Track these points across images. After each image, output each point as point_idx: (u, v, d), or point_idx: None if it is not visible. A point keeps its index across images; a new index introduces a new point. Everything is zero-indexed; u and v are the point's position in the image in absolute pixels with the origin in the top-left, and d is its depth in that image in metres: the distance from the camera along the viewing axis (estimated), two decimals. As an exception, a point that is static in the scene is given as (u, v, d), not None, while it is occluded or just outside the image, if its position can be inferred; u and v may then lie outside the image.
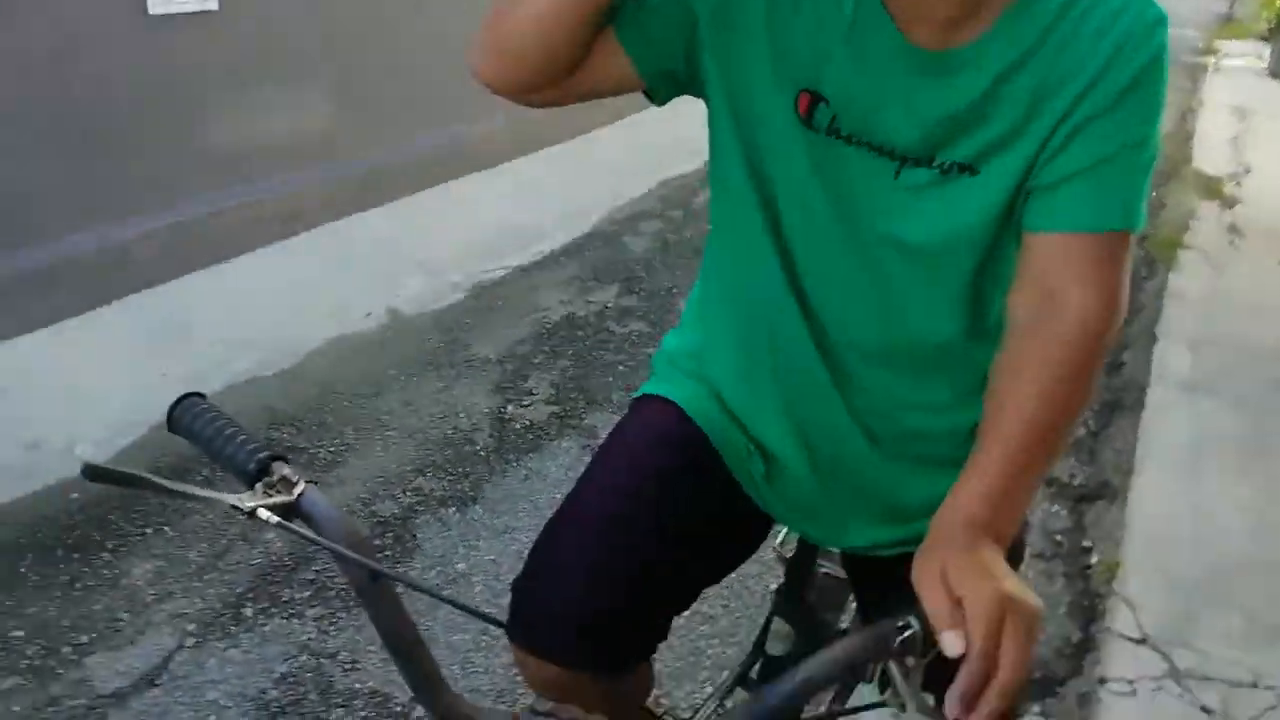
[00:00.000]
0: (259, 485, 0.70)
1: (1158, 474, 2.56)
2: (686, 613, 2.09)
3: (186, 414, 0.76)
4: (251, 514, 0.66)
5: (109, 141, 2.81)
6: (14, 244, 2.66)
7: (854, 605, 1.36)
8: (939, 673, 0.73)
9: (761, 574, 2.23)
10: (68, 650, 1.85)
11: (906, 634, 0.73)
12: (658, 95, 0.97)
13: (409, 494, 2.37)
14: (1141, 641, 2.06)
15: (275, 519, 0.67)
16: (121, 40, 2.75)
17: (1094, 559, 2.32)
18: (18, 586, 1.98)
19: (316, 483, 0.71)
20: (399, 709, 1.80)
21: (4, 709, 1.72)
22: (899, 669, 0.72)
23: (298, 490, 0.70)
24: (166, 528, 2.19)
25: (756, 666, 1.31)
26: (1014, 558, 1.12)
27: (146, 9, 2.78)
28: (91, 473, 0.66)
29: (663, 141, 4.68)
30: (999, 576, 0.76)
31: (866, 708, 0.73)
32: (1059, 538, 2.38)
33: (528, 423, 2.68)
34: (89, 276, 2.83)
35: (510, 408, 2.74)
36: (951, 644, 0.72)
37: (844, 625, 1.41)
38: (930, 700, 0.74)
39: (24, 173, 2.63)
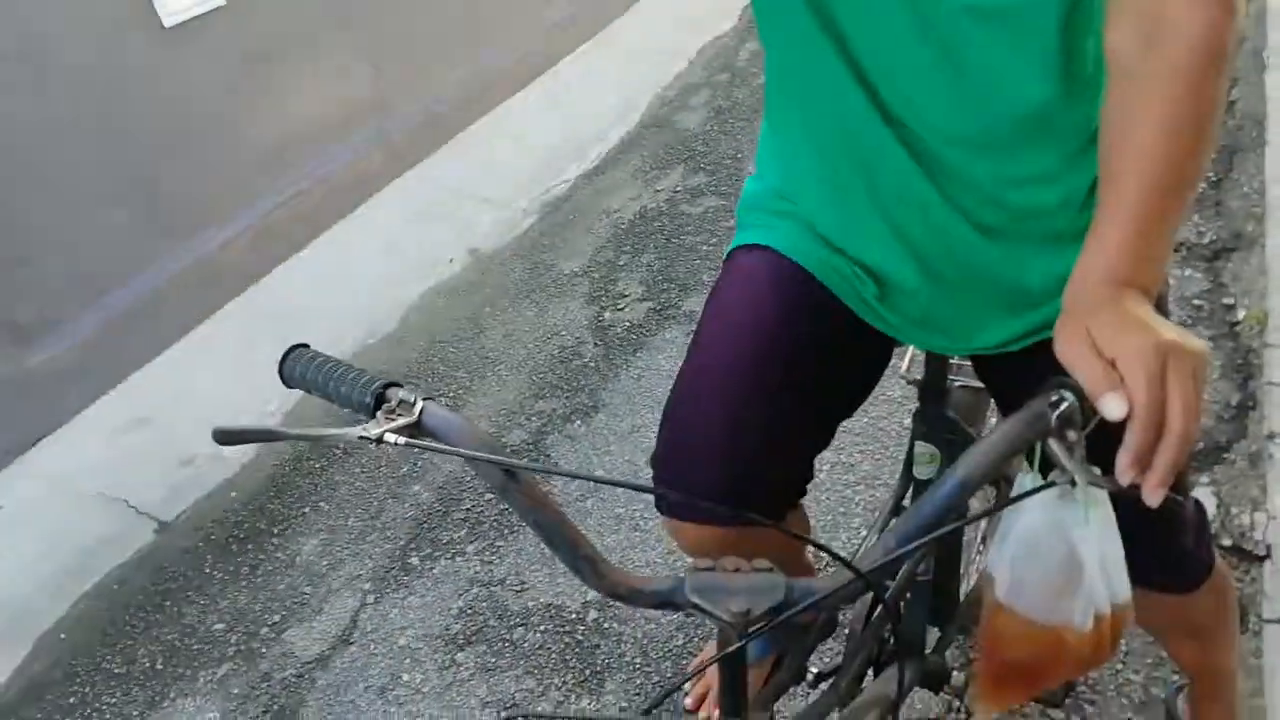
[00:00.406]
0: (380, 414, 0.71)
1: (1292, 210, 2.39)
2: (827, 464, 2.11)
3: (296, 365, 0.77)
4: (379, 440, 0.67)
5: (172, 159, 2.87)
6: (117, 282, 2.78)
7: (995, 414, 1.32)
8: (1104, 446, 0.70)
9: (892, 413, 2.20)
10: (265, 630, 1.98)
11: (1062, 407, 0.70)
12: None
13: (533, 419, 2.41)
14: (1308, 385, 1.96)
15: (403, 440, 0.67)
16: (144, 58, 2.78)
17: (1240, 314, 2.20)
18: (207, 585, 2.12)
19: (434, 398, 0.72)
20: (574, 615, 1.87)
21: (225, 693, 1.86)
22: (1060, 446, 0.69)
23: (418, 409, 0.70)
24: (322, 503, 2.29)
25: (908, 494, 1.29)
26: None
27: (162, 24, 2.80)
28: (222, 436, 0.68)
29: (690, 10, 4.51)
30: (1152, 326, 0.71)
31: (1034, 491, 0.70)
32: (1198, 301, 2.26)
33: (628, 324, 2.68)
34: (189, 294, 2.94)
35: (607, 314, 2.74)
36: (1113, 405, 0.68)
37: (989, 435, 1.38)
38: (1099, 471, 0.71)
39: (98, 215, 2.72)
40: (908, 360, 1.32)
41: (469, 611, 1.93)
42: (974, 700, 0.90)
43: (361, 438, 0.67)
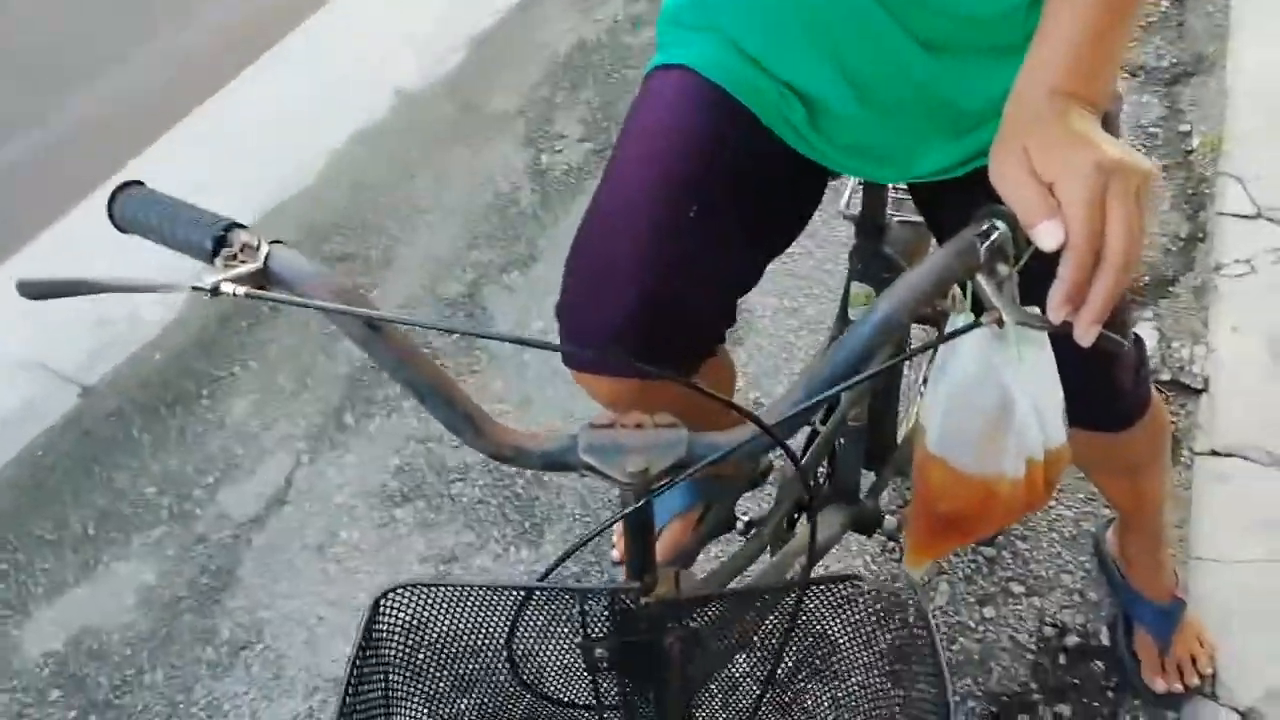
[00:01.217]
0: (219, 260, 0.62)
1: (1257, 30, 2.29)
2: (770, 309, 2.06)
3: (128, 205, 0.67)
4: (215, 291, 0.59)
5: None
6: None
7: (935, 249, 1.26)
8: (1044, 280, 0.63)
9: (837, 255, 2.14)
10: (199, 493, 1.93)
11: (992, 238, 0.63)
12: None
13: (468, 270, 2.32)
14: (1255, 216, 1.92)
15: (242, 290, 0.59)
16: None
17: (1195, 141, 2.13)
18: (138, 449, 2.05)
19: (282, 241, 0.63)
20: (512, 469, 1.84)
21: (160, 555, 1.83)
22: (989, 282, 0.63)
23: (263, 254, 0.62)
24: (251, 362, 2.21)
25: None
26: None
27: None
28: (27, 289, 0.59)
29: None
30: (1095, 142, 0.64)
31: (959, 332, 0.64)
32: (1154, 129, 2.19)
33: (566, 167, 2.55)
34: (96, 141, 2.74)
35: (544, 157, 2.60)
36: (1047, 234, 0.62)
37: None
38: (1035, 310, 0.65)
39: None
40: (847, 195, 1.24)
41: (406, 468, 1.89)
42: (907, 551, 0.87)
43: (195, 288, 0.59)
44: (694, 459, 0.62)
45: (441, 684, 0.69)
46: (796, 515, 1.30)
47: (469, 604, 0.67)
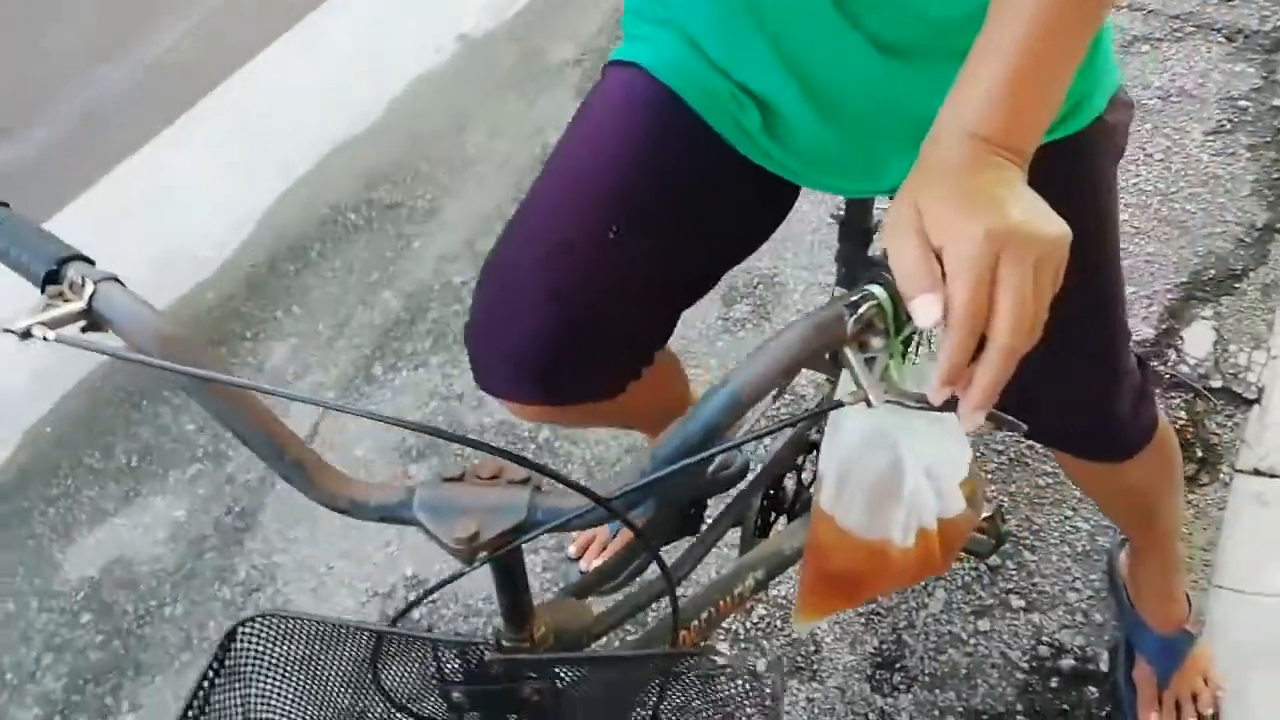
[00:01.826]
0: (45, 295, 0.60)
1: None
2: (801, 285, 1.98)
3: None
4: (25, 334, 0.56)
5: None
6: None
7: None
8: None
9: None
10: (232, 435, 2.00)
11: (863, 309, 0.58)
12: None
13: (508, 224, 2.30)
14: (1348, 207, 1.73)
15: (52, 335, 0.56)
16: None
17: (1291, 119, 1.93)
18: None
19: (117, 278, 0.62)
20: (525, 434, 1.85)
21: (192, 493, 1.91)
22: (857, 358, 0.58)
23: (88, 292, 0.60)
24: (295, 307, 2.26)
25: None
26: (1087, 176, 0.89)
27: None
28: None
29: None
30: (996, 205, 0.57)
31: (810, 415, 0.59)
32: (1244, 102, 1.99)
33: (616, 120, 2.49)
34: (157, 90, 2.81)
35: (597, 108, 2.54)
36: (922, 309, 0.56)
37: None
38: (910, 384, 0.59)
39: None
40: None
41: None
42: (797, 607, 0.83)
43: (4, 329, 0.56)
44: (532, 524, 0.60)
45: (310, 714, 0.70)
46: (772, 518, 1.26)
47: (331, 637, 0.67)
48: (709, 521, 1.22)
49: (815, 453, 1.24)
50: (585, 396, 0.92)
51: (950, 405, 0.58)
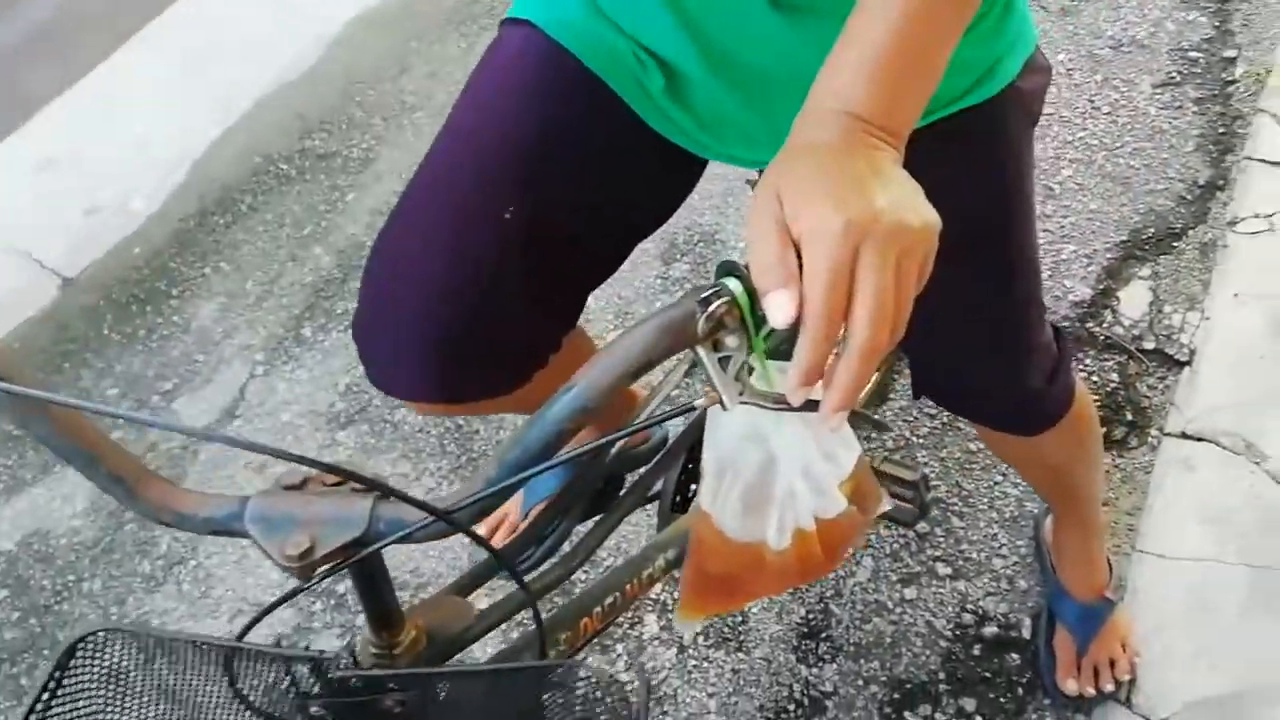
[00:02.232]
0: None
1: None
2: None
3: None
4: None
5: None
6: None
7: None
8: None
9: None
10: (156, 399, 1.94)
11: (713, 307, 0.54)
12: None
13: (444, 176, 2.23)
14: (1288, 164, 1.71)
15: None
16: None
17: (1238, 70, 1.89)
18: (105, 346, 2.07)
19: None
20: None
21: (115, 461, 1.86)
22: (710, 358, 0.54)
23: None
24: (223, 264, 2.19)
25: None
26: (997, 146, 0.85)
27: None
28: None
29: None
30: (861, 193, 0.53)
31: (664, 418, 0.55)
32: (1195, 53, 1.95)
33: (557, 67, 2.40)
34: (88, 25, 2.68)
35: (538, 54, 2.46)
36: (776, 306, 0.52)
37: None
38: (764, 385, 0.55)
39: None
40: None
41: (354, 389, 1.87)
42: (679, 605, 0.81)
43: None
44: (373, 537, 0.56)
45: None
46: (691, 491, 1.23)
47: (182, 651, 0.64)
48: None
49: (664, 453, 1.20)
50: (488, 393, 0.88)
51: (811, 406, 0.54)
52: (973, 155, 0.83)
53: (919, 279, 0.54)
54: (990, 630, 1.37)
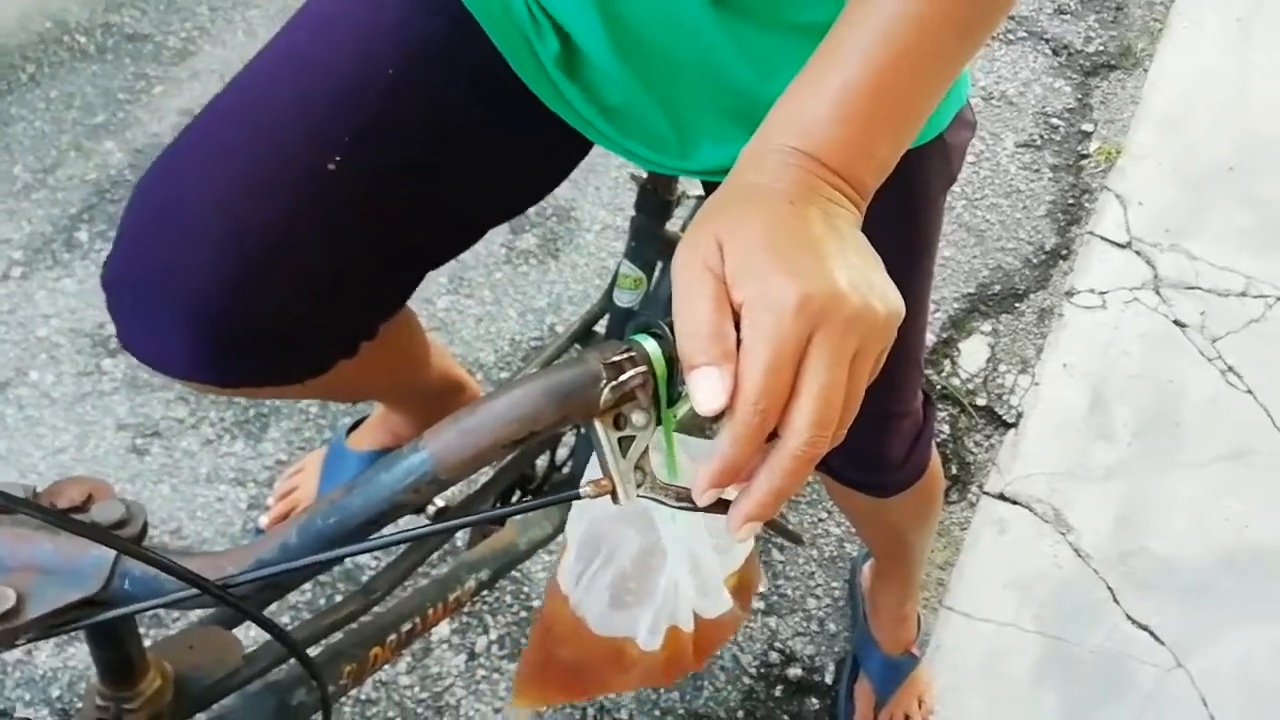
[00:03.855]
0: None
1: (1192, 35, 2.10)
2: (598, 224, 1.83)
3: None
4: None
5: None
6: None
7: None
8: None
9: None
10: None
11: (626, 376, 0.42)
12: None
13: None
14: (1125, 245, 1.77)
15: None
16: None
17: (1093, 146, 1.96)
18: None
19: None
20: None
21: None
22: (609, 437, 0.42)
23: None
24: (-11, 138, 1.85)
25: (603, 321, 1.03)
26: (912, 203, 0.77)
27: None
28: None
29: None
30: (821, 262, 0.43)
31: (525, 509, 0.44)
32: (1057, 120, 2.00)
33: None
34: None
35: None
36: (702, 390, 0.41)
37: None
38: (667, 472, 0.45)
39: None
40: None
41: (132, 312, 1.61)
42: (515, 687, 0.70)
43: None
44: (114, 599, 0.41)
45: None
46: (514, 499, 1.11)
47: None
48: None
49: (579, 430, 1.10)
50: (274, 382, 0.72)
51: (719, 507, 0.44)
52: (886, 205, 0.76)
53: (870, 377, 0.44)
54: (795, 672, 1.33)
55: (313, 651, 0.74)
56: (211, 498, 1.43)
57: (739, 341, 0.41)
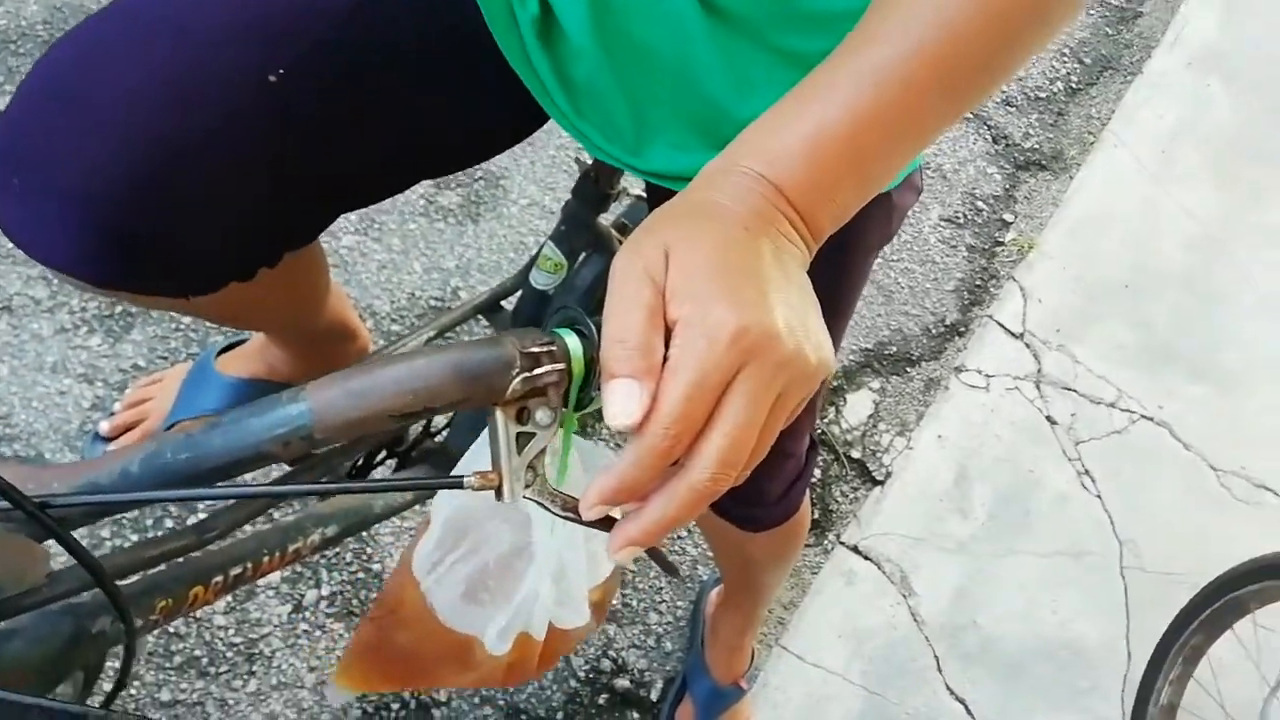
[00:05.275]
0: None
1: (1119, 155, 2.20)
2: (525, 199, 1.79)
3: None
4: None
5: None
6: None
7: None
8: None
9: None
10: None
11: (543, 370, 0.40)
12: None
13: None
14: (1019, 336, 1.84)
15: None
16: None
17: (1009, 236, 2.03)
18: None
19: None
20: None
21: None
22: (506, 429, 0.40)
23: None
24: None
25: (515, 297, 1.00)
26: (847, 254, 0.78)
27: None
28: None
29: None
30: (762, 296, 0.42)
31: (407, 486, 0.41)
32: (982, 205, 2.06)
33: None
34: None
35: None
36: (618, 402, 0.39)
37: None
38: (556, 476, 0.43)
39: None
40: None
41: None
42: (340, 666, 0.67)
43: None
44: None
45: None
46: (377, 459, 1.07)
47: None
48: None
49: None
50: (160, 292, 0.67)
51: (604, 525, 0.42)
52: (823, 252, 0.76)
53: (785, 422, 0.44)
54: (623, 683, 1.33)
55: (129, 580, 0.69)
56: (53, 389, 1.34)
57: (665, 359, 0.40)
